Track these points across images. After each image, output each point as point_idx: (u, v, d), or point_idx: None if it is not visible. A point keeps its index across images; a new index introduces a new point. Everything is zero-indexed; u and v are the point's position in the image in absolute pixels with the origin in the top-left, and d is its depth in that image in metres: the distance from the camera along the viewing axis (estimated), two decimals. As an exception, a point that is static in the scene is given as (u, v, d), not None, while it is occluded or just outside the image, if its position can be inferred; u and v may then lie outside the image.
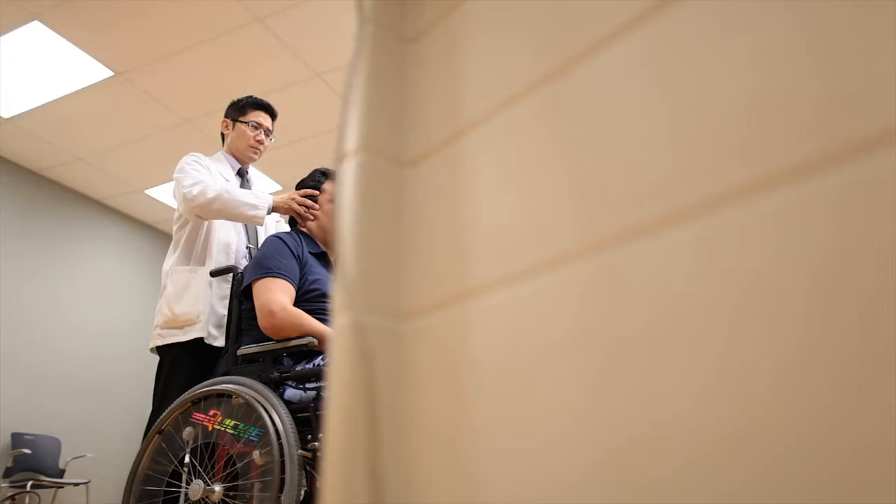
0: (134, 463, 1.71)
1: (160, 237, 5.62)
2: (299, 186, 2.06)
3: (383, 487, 0.39)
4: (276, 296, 1.71)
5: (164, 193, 5.01)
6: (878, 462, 0.28)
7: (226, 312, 1.96)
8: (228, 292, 1.99)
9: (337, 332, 0.52)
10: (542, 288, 0.46)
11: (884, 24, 0.33)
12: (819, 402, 0.31)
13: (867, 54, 0.33)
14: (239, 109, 2.22)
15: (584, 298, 0.44)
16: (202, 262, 1.99)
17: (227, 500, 1.57)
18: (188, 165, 2.04)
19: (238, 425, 1.61)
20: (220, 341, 1.93)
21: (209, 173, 2.05)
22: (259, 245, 2.16)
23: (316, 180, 2.06)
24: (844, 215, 0.32)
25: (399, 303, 0.55)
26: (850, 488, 0.29)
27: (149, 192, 5.01)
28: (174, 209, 2.15)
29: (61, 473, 4.31)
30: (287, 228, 2.22)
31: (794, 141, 0.35)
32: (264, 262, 1.79)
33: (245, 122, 2.19)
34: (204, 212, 1.95)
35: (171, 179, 4.91)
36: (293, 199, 1.99)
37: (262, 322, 1.69)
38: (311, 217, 1.98)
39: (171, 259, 2.04)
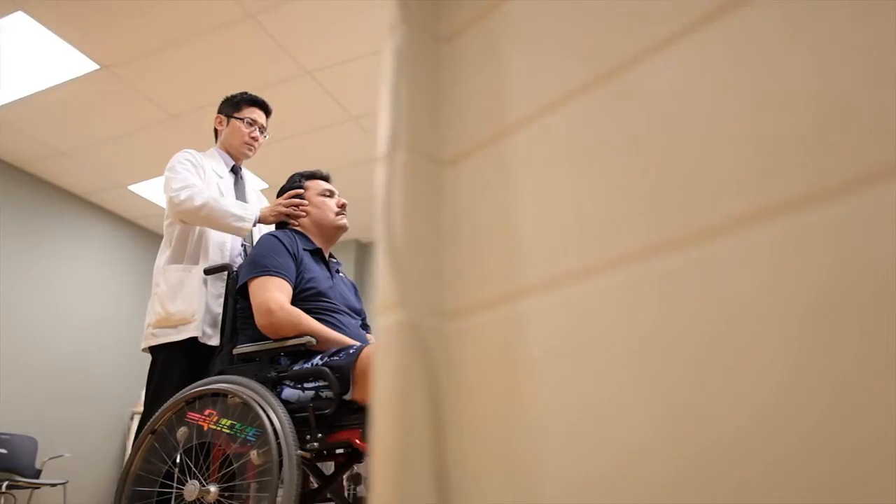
0: (126, 464, 1.68)
1: (142, 234, 5.54)
2: (281, 193, 2.03)
3: (450, 487, 0.39)
4: (273, 294, 1.70)
5: (147, 189, 4.94)
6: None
7: (221, 311, 1.93)
8: (223, 290, 1.96)
9: (385, 331, 0.51)
10: (596, 289, 0.46)
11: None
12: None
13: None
14: (233, 105, 2.20)
15: (640, 301, 0.44)
16: (196, 261, 1.96)
17: (222, 500, 1.55)
18: (179, 164, 2.01)
19: (234, 425, 1.59)
20: (214, 340, 1.90)
21: (203, 173, 2.02)
22: (254, 243, 2.14)
23: (296, 182, 2.04)
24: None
25: (443, 302, 0.54)
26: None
27: (132, 188, 4.93)
28: (165, 206, 2.12)
29: (38, 474, 4.22)
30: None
31: (863, 149, 0.36)
32: (260, 260, 1.77)
33: (240, 119, 2.17)
34: (189, 218, 1.91)
35: (156, 175, 4.82)
36: (279, 203, 1.96)
37: (260, 321, 1.68)
38: (304, 214, 1.96)
39: (163, 257, 2.01)
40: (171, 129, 4.19)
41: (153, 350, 1.91)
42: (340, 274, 2.03)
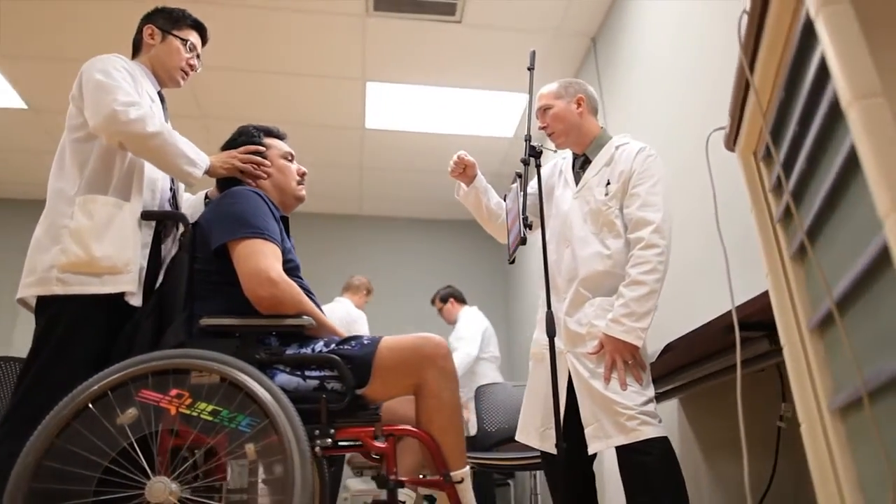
0: (26, 452, 1.21)
1: None
2: (230, 145, 1.72)
3: None
4: (273, 262, 1.45)
5: None
6: None
7: (145, 265, 1.54)
8: (150, 240, 1.57)
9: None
10: None
11: None
12: None
13: None
14: (173, 21, 1.78)
15: None
16: (127, 197, 1.52)
17: (186, 499, 1.25)
18: (117, 72, 1.55)
19: (219, 411, 1.31)
20: (136, 300, 1.50)
21: (140, 92, 1.59)
22: (179, 190, 1.75)
23: (254, 136, 1.75)
24: None
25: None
26: None
27: None
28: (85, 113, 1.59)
29: None
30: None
31: None
32: (251, 219, 1.48)
33: (181, 39, 1.77)
34: (133, 143, 1.49)
35: None
36: (235, 157, 1.65)
37: (258, 290, 1.41)
38: (264, 175, 1.70)
39: (73, 180, 1.49)
40: None
41: (53, 301, 1.40)
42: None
